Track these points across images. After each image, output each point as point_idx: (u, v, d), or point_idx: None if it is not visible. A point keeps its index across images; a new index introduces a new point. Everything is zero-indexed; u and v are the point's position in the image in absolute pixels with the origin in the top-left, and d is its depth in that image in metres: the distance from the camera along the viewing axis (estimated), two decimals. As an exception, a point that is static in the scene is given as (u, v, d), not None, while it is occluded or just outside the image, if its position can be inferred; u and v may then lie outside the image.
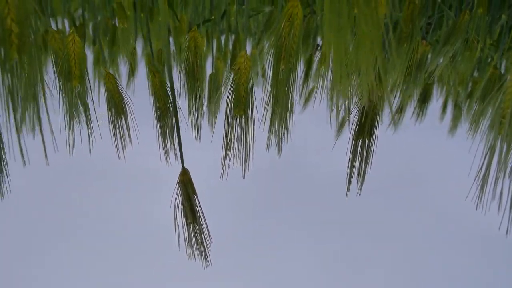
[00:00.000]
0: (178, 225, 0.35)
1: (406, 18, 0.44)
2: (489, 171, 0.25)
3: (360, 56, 0.36)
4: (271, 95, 0.30)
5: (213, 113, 0.64)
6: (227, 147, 0.35)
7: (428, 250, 1.41)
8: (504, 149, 0.24)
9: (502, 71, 0.85)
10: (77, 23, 0.64)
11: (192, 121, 0.43)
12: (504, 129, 0.24)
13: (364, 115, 0.38)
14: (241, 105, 0.34)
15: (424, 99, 0.83)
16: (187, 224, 0.38)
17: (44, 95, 0.21)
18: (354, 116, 0.39)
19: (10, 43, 0.21)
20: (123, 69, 0.80)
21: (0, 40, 0.21)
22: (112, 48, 0.69)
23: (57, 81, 0.32)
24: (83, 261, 1.30)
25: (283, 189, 1.67)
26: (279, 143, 0.32)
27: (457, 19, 0.52)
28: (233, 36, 0.88)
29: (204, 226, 0.37)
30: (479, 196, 0.28)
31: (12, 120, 0.23)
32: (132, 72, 0.66)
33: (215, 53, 0.71)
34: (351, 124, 0.39)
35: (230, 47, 0.86)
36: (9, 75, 0.21)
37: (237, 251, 1.32)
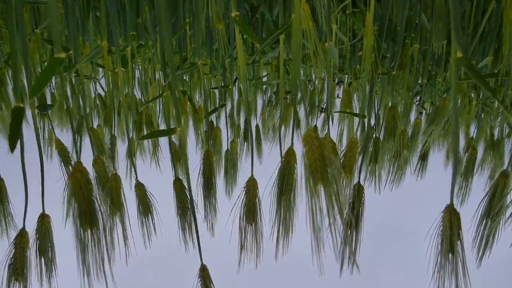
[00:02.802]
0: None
1: (388, 120, 0.52)
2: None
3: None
4: (276, 215, 0.38)
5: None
6: (242, 247, 0.43)
7: None
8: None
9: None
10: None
11: (207, 222, 0.51)
12: (442, 250, 0.31)
13: (351, 211, 0.45)
14: (251, 216, 0.42)
15: (424, 156, 0.90)
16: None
17: (109, 256, 0.30)
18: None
19: (84, 220, 0.30)
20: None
21: (79, 220, 0.29)
22: (139, 134, 0.78)
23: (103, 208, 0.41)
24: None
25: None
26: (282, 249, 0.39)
27: (438, 104, 0.59)
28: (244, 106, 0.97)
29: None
30: None
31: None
32: (156, 155, 0.76)
33: (229, 133, 0.80)
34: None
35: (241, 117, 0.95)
36: (82, 243, 0.30)
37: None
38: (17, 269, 0.39)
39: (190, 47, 0.81)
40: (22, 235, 0.39)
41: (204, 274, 0.44)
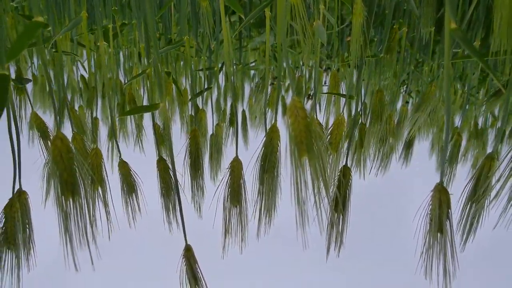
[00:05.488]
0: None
1: (375, 104, 0.51)
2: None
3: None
4: (259, 194, 0.37)
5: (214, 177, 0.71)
6: (226, 231, 0.42)
7: None
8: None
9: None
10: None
11: (194, 203, 0.50)
12: (431, 230, 0.31)
13: (337, 195, 0.45)
14: (236, 197, 0.41)
15: (408, 145, 0.90)
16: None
17: (92, 229, 0.29)
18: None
19: (66, 189, 0.29)
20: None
21: (60, 189, 0.28)
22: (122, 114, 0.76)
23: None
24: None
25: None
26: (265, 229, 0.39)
27: (425, 90, 0.59)
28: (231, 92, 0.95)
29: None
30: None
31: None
32: (139, 138, 0.74)
33: (215, 118, 0.79)
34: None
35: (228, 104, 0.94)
36: (64, 214, 0.29)
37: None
38: (9, 238, 0.38)
39: (176, 29, 0.79)
40: (12, 204, 0.38)
41: (188, 254, 0.43)
